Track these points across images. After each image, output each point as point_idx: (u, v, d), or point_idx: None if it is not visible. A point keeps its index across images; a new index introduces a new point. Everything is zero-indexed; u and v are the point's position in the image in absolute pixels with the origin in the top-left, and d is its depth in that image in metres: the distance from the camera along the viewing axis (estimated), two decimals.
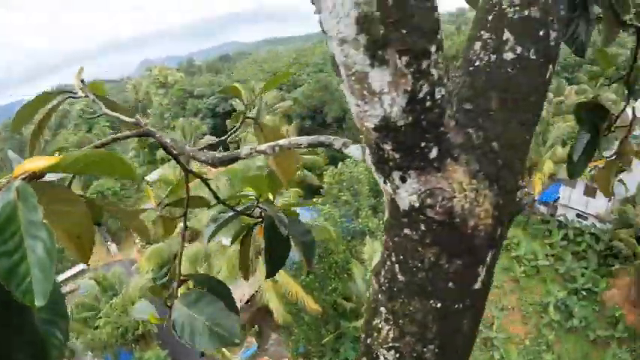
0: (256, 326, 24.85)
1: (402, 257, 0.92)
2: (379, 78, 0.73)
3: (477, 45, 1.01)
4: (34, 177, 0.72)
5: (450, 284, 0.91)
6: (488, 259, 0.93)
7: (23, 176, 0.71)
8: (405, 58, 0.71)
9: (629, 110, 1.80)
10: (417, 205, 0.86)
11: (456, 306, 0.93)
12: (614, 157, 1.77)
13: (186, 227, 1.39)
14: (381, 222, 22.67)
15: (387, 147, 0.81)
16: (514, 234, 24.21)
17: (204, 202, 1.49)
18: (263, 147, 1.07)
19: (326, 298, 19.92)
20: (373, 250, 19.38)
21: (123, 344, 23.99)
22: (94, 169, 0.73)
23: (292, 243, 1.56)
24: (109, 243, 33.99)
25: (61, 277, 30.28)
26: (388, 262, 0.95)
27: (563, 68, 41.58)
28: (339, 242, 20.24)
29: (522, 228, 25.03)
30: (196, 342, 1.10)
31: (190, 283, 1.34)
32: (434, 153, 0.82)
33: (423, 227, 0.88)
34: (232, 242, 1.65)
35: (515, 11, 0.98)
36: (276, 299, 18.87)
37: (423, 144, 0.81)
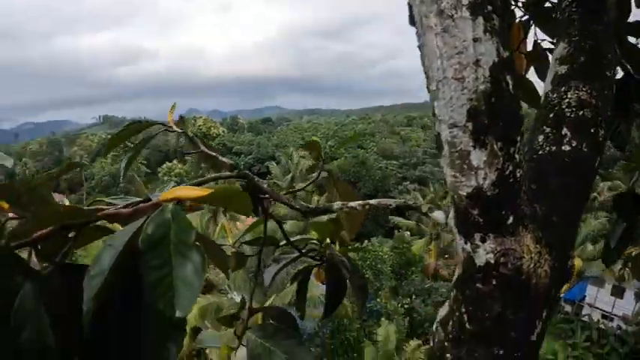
0: None
1: (471, 308, 1.03)
2: (478, 157, 0.90)
3: (541, 137, 1.24)
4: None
5: (512, 333, 1.03)
6: (544, 314, 1.06)
7: (172, 202, 0.80)
8: (499, 144, 0.90)
9: None
10: (492, 261, 0.99)
11: (515, 354, 1.04)
12: None
13: (260, 263, 1.50)
14: (399, 305, 22.26)
15: (474, 212, 0.97)
16: None
17: (276, 241, 1.61)
18: (354, 204, 1.20)
19: None
20: (388, 333, 18.92)
21: None
22: (228, 203, 0.87)
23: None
24: None
25: None
26: (457, 313, 1.06)
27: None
28: (354, 320, 19.85)
29: None
30: None
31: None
32: (510, 220, 0.98)
33: (494, 282, 1.01)
34: (292, 282, 1.75)
35: (572, 111, 1.22)
36: None
37: (503, 212, 0.97)
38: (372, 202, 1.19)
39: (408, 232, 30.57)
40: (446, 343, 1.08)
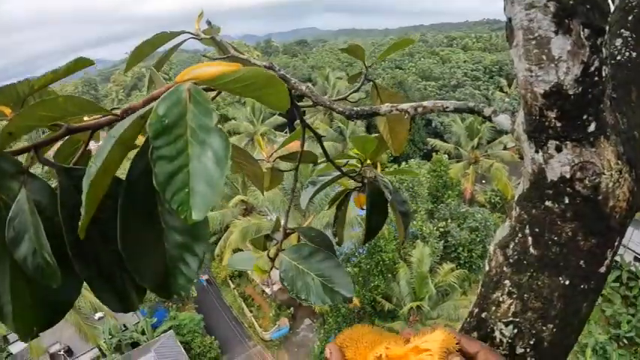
0: (292, 309, 25.16)
1: (537, 230, 0.89)
2: (560, 45, 0.75)
3: (618, 41, 1.03)
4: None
5: (582, 262, 0.88)
6: (615, 244, 0.91)
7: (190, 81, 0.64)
8: (587, 31, 0.74)
9: None
10: (567, 176, 0.85)
11: (582, 286, 0.90)
12: None
13: (296, 180, 1.39)
14: (435, 228, 22.37)
15: (551, 114, 0.82)
16: None
17: (314, 158, 1.48)
18: (405, 106, 1.05)
19: (366, 294, 19.89)
20: (422, 255, 19.16)
21: (160, 301, 24.81)
22: (259, 91, 0.69)
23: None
24: None
25: None
26: (520, 235, 0.92)
27: None
28: (390, 241, 20.13)
29: None
30: (310, 297, 1.08)
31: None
32: (592, 127, 0.82)
33: (566, 200, 0.86)
34: (330, 206, 1.65)
35: None
36: None
37: (584, 116, 0.81)
38: (426, 103, 1.03)
39: (446, 156, 30.15)
40: (504, 268, 0.94)
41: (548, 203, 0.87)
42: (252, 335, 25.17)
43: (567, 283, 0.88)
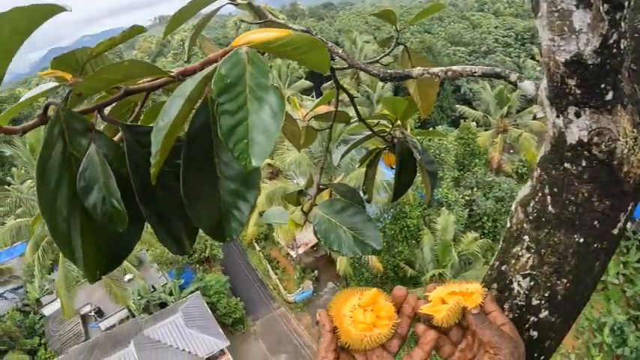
0: (316, 272, 25.53)
1: (556, 190, 0.96)
2: (581, 18, 0.80)
3: None
4: None
5: (596, 222, 0.95)
6: (629, 208, 0.97)
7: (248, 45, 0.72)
8: (606, 5, 0.79)
9: None
10: (585, 140, 0.90)
11: (595, 245, 0.97)
12: None
13: (330, 138, 1.46)
14: (461, 196, 22.26)
15: (572, 82, 0.87)
16: None
17: (347, 117, 1.55)
18: (436, 70, 1.10)
19: (390, 259, 20.06)
20: (447, 223, 19.17)
21: (188, 263, 25.37)
22: (305, 54, 0.76)
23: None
24: None
25: None
26: (540, 194, 0.99)
27: None
28: (415, 207, 20.15)
29: None
30: (342, 249, 1.16)
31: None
32: (609, 96, 0.87)
33: (584, 163, 0.93)
34: (361, 164, 1.72)
35: None
36: None
37: (603, 85, 0.86)
38: (456, 68, 1.09)
39: (474, 123, 29.75)
40: (524, 225, 1.02)
41: (566, 165, 0.94)
42: (277, 297, 25.68)
43: (582, 241, 0.95)
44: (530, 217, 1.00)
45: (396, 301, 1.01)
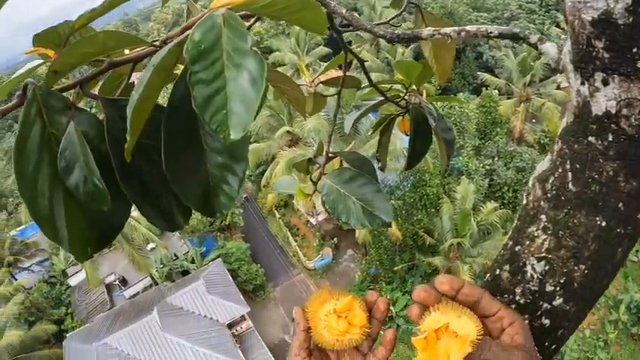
0: (335, 239, 25.67)
1: (578, 166, 0.87)
2: None
3: None
4: None
5: (620, 205, 0.85)
6: None
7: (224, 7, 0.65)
8: None
9: None
10: (613, 111, 0.81)
11: (619, 230, 0.88)
12: None
13: (339, 105, 1.40)
14: (482, 165, 21.99)
15: (599, 44, 0.77)
16: None
17: (357, 82, 1.48)
18: (448, 30, 1.01)
19: (409, 227, 20.05)
20: (467, 192, 19.01)
21: (209, 231, 25.75)
22: (295, 14, 0.68)
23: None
24: None
25: None
26: (560, 170, 0.90)
27: None
28: (435, 175, 20.00)
29: None
30: (351, 220, 1.12)
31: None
32: None
33: (610, 137, 0.83)
34: (373, 131, 1.66)
35: None
36: None
37: (634, 49, 0.75)
38: (470, 28, 1.00)
39: (496, 91, 29.11)
40: (542, 203, 0.92)
41: (591, 139, 0.84)
42: (296, 264, 25.97)
43: (604, 224, 0.86)
44: (549, 195, 0.91)
45: (368, 305, 1.05)
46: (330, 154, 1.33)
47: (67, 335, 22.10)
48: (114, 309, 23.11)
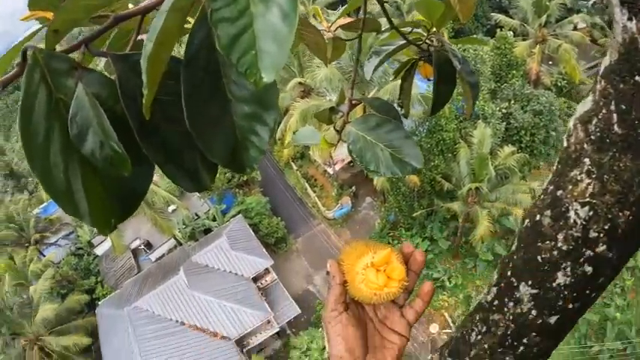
0: (354, 187, 25.74)
1: (624, 107, 0.81)
2: None
3: None
4: None
5: None
6: None
7: None
8: None
9: None
10: None
11: None
12: None
13: (360, 48, 1.35)
14: (498, 108, 21.63)
15: None
16: None
17: (377, 25, 1.41)
18: None
19: (426, 173, 19.98)
20: (483, 136, 18.78)
21: (228, 188, 25.99)
22: None
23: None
24: None
25: None
26: (604, 111, 0.84)
27: None
28: (451, 120, 19.73)
29: None
30: (380, 168, 1.09)
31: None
32: None
33: None
34: (395, 76, 1.60)
35: None
36: None
37: None
38: None
39: (511, 33, 28.18)
40: (585, 145, 0.87)
41: (638, 78, 0.78)
42: (316, 214, 26.22)
43: None
44: (592, 137, 0.86)
45: (405, 257, 1.03)
46: (353, 101, 1.28)
47: (99, 303, 23.07)
48: (141, 273, 23.89)
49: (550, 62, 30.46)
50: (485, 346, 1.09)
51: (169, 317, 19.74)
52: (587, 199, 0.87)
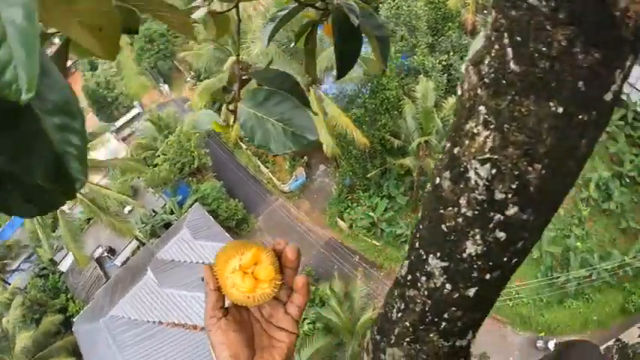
0: (306, 157, 25.65)
1: (519, 39, 0.66)
2: None
3: None
4: None
5: (580, 84, 0.65)
6: (627, 64, 0.67)
7: None
8: None
9: None
10: None
11: (580, 116, 0.68)
12: None
13: (240, 19, 1.25)
14: (438, 61, 21.75)
15: None
16: None
17: None
18: None
19: (375, 133, 20.07)
20: (426, 90, 18.87)
21: (181, 179, 25.56)
22: None
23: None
24: (161, 85, 34.45)
25: (118, 123, 31.97)
26: (497, 46, 0.69)
27: None
28: (393, 78, 19.72)
29: None
30: (272, 145, 1.01)
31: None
32: None
33: None
34: (296, 41, 1.48)
35: None
36: (326, 132, 19.02)
37: None
38: None
39: None
40: (479, 90, 0.72)
41: (532, 1, 0.64)
42: (273, 190, 26.09)
43: (560, 111, 0.68)
44: (486, 80, 0.71)
45: (278, 254, 1.00)
46: (243, 77, 1.18)
47: (74, 320, 22.38)
48: (110, 280, 23.42)
49: (485, 11, 30.70)
50: (407, 323, 1.01)
51: (146, 319, 19.38)
52: (487, 155, 0.73)
